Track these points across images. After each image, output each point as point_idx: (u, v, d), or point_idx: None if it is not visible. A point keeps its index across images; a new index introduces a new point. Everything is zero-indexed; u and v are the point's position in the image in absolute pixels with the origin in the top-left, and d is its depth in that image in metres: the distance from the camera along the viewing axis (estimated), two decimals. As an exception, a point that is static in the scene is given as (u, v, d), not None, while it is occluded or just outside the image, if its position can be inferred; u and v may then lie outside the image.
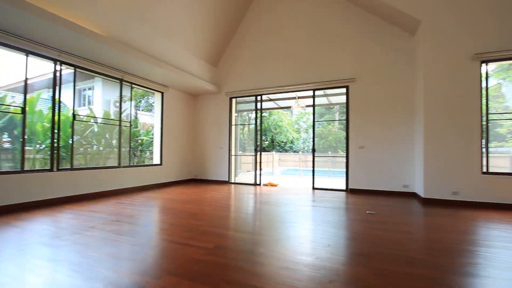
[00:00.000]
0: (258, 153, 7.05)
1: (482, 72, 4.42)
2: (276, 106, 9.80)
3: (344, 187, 6.00)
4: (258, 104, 7.03)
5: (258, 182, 6.98)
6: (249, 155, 9.07)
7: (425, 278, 1.86)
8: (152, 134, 7.21)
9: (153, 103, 7.67)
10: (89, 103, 10.68)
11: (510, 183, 4.24)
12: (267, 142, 19.37)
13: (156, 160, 6.59)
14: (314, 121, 6.47)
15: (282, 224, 3.33)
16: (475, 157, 4.39)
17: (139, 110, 12.90)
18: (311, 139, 6.49)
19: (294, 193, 5.77)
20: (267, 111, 17.14)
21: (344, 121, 6.02)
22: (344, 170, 5.98)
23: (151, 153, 7.04)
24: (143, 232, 2.91)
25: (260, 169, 7.08)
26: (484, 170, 4.37)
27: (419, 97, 4.96)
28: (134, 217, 3.49)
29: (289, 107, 9.33)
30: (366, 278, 1.85)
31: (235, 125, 7.50)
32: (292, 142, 19.40)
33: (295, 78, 6.40)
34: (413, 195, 5.25)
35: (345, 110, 6.01)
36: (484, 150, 4.39)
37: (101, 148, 6.28)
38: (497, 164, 4.71)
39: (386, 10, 5.11)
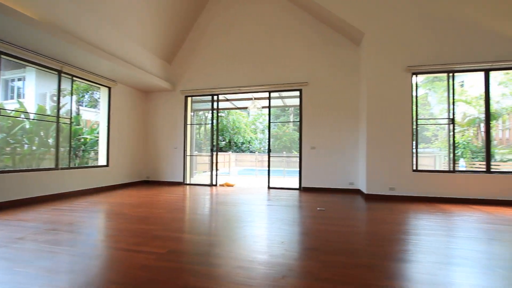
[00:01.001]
0: (215, 153, 6.97)
1: (413, 82, 5.06)
2: (233, 106, 9.81)
3: (297, 186, 6.29)
4: (215, 104, 6.95)
5: (214, 183, 6.90)
6: (206, 155, 8.90)
7: (366, 266, 2.06)
8: (97, 133, 6.59)
9: (98, 98, 7.01)
10: (18, 96, 9.31)
11: (434, 179, 4.93)
12: (224, 142, 19.25)
13: (102, 161, 6.05)
14: (269, 122, 6.65)
15: (238, 224, 3.35)
16: (407, 157, 5.00)
17: (81, 105, 11.68)
18: (267, 140, 6.66)
19: (250, 192, 5.85)
20: (225, 111, 17.03)
21: (298, 123, 6.31)
22: (298, 169, 6.27)
23: (96, 153, 6.44)
24: (85, 241, 2.65)
25: (217, 170, 7.01)
26: (414, 168, 5.01)
27: (363, 103, 5.45)
28: (74, 225, 3.15)
29: (245, 108, 9.42)
30: (315, 271, 1.97)
31: (191, 124, 7.30)
32: (249, 142, 19.63)
33: (251, 79, 6.50)
34: (358, 192, 5.75)
35: (298, 112, 6.31)
36: (414, 151, 5.03)
37: (34, 148, 5.53)
38: (424, 162, 5.46)
39: (336, 20, 5.51)
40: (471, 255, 2.35)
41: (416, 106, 5.07)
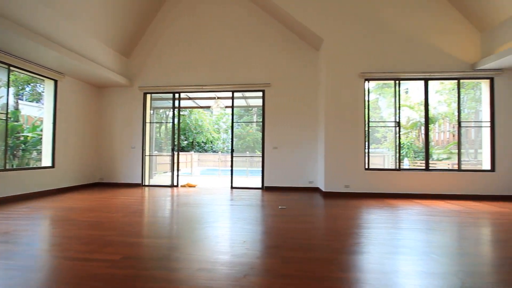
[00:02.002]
0: (176, 153, 6.74)
1: (365, 88, 5.47)
2: (195, 105, 9.57)
3: (260, 185, 6.38)
4: (176, 102, 6.72)
5: (175, 184, 6.66)
6: (166, 155, 8.55)
7: (323, 260, 2.18)
8: (41, 130, 5.92)
9: (42, 92, 6.29)
10: None
11: (383, 177, 5.40)
12: (186, 142, 18.70)
13: (47, 161, 5.44)
14: (233, 122, 6.64)
15: (200, 225, 3.28)
16: (361, 157, 5.39)
17: (21, 99, 10.36)
18: (231, 139, 6.64)
19: (213, 193, 5.77)
20: (187, 109, 16.54)
21: (261, 123, 6.41)
22: (261, 169, 6.36)
23: (40, 153, 5.78)
24: (25, 252, 2.36)
25: (178, 170, 6.78)
26: (366, 167, 5.43)
27: (321, 105, 5.74)
28: (10, 234, 2.79)
29: (208, 107, 9.27)
30: (276, 268, 2.03)
31: (150, 122, 6.95)
32: (212, 142, 19.35)
33: (214, 78, 6.42)
34: (317, 190, 6.04)
35: (261, 112, 6.40)
36: (366, 151, 5.45)
37: (-43, 147, 4.75)
38: (375, 162, 5.95)
39: (298, 26, 5.72)
40: (412, 244, 2.63)
41: (368, 109, 5.51)
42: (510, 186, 5.19)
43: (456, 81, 5.49)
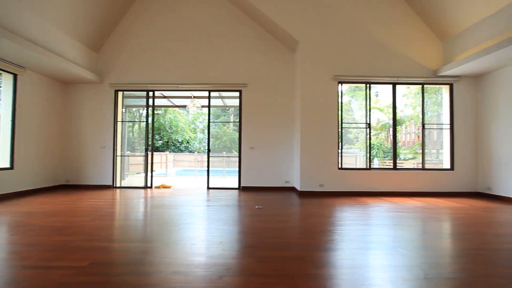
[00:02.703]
0: (150, 153, 6.51)
1: (339, 90, 5.68)
2: (171, 104, 9.33)
3: (237, 186, 6.37)
4: (150, 101, 6.50)
5: (149, 185, 6.44)
6: (140, 156, 8.25)
7: (298, 258, 2.23)
8: (-3, 129, 5.42)
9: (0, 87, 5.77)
10: None
11: (355, 176, 5.64)
12: (161, 142, 18.15)
13: (4, 162, 4.99)
14: (209, 122, 6.56)
15: (175, 227, 3.20)
16: (334, 157, 5.59)
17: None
18: (207, 139, 6.56)
19: (189, 194, 5.66)
20: (161, 108, 16.06)
21: (238, 123, 6.40)
22: (237, 169, 6.35)
23: (-5, 153, 5.29)
24: (-22, 261, 2.15)
25: (152, 171, 6.56)
26: (340, 166, 5.63)
27: (297, 106, 5.86)
28: (-40, 243, 2.53)
29: (184, 106, 9.08)
30: (252, 267, 2.04)
31: (122, 121, 6.65)
32: (188, 142, 18.96)
33: (191, 77, 6.30)
34: (293, 189, 6.16)
35: (238, 112, 6.40)
36: (339, 151, 5.65)
37: None
38: (348, 161, 6.19)
39: (276, 28, 5.79)
40: (381, 239, 2.78)
41: (341, 111, 5.72)
42: (467, 183, 5.66)
43: (420, 86, 5.88)
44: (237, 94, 6.45)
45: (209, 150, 6.49)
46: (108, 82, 6.33)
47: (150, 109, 6.51)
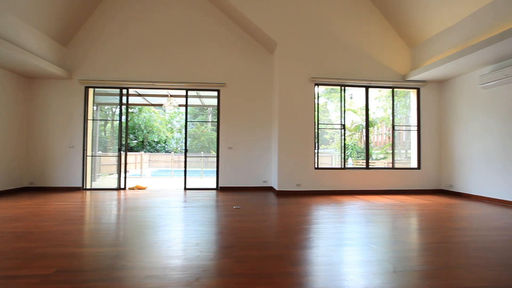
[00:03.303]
0: (124, 153, 6.25)
1: (315, 92, 5.83)
2: (146, 102, 9.02)
3: (215, 186, 6.31)
4: (124, 98, 6.24)
5: (122, 186, 6.18)
6: (112, 156, 7.90)
7: (275, 257, 2.25)
8: None
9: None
10: None
11: (330, 175, 5.82)
12: (135, 141, 17.51)
13: (-44, 164, 4.54)
14: (186, 121, 6.44)
15: (150, 230, 3.10)
16: (311, 157, 5.72)
17: None
18: (184, 139, 6.43)
19: (165, 195, 5.52)
20: (136, 107, 15.49)
21: (216, 123, 6.34)
22: (215, 169, 6.29)
23: None
24: None
25: (126, 171, 6.31)
26: (316, 166, 5.78)
27: (275, 107, 5.93)
28: None
29: (161, 105, 8.82)
30: (230, 268, 2.03)
31: (93, 120, 6.33)
32: (165, 141, 18.46)
33: (167, 75, 6.14)
34: (271, 189, 6.22)
35: (217, 112, 6.34)
36: (316, 151, 5.80)
37: None
38: (324, 161, 6.37)
39: (253, 28, 5.81)
40: (354, 236, 2.89)
41: (318, 112, 5.88)
42: (432, 181, 6.06)
43: (390, 89, 6.20)
44: (215, 93, 6.39)
45: (186, 150, 6.37)
46: (78, 78, 5.99)
47: (123, 107, 6.25)
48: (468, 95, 5.42)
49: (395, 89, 6.23)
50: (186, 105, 6.43)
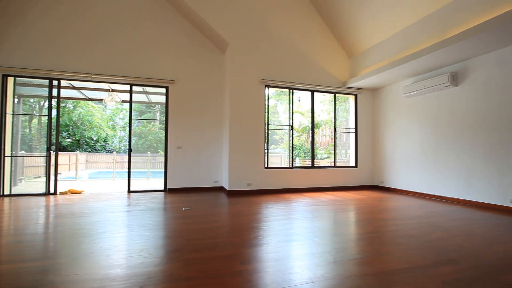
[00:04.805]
0: (54, 153, 5.51)
1: (265, 93, 6.01)
2: (83, 96, 8.09)
3: (163, 187, 6.00)
4: (54, 91, 5.49)
5: (52, 191, 5.44)
6: (39, 156, 6.90)
7: (225, 257, 2.26)
8: None
9: None
10: None
11: (280, 174, 6.06)
12: (70, 140, 15.59)
13: None
14: (130, 119, 5.98)
15: (86, 239, 2.80)
16: (261, 156, 5.88)
17: None
18: (128, 138, 5.98)
19: (105, 199, 5.04)
20: (71, 101, 13.80)
21: (164, 121, 6.04)
22: (163, 170, 5.99)
23: None
24: None
25: (57, 174, 5.57)
26: (266, 165, 5.95)
27: (226, 106, 5.93)
28: None
29: (101, 100, 8.02)
30: (177, 272, 1.96)
31: (14, 114, 5.43)
32: (105, 140, 16.80)
33: (109, 68, 5.62)
34: (221, 189, 6.18)
35: (165, 110, 6.04)
36: (266, 151, 5.98)
37: None
38: (273, 161, 6.60)
39: (205, 26, 5.71)
40: (300, 231, 3.07)
41: (268, 113, 6.06)
42: (367, 178, 6.79)
43: (333, 94, 6.75)
44: (163, 90, 6.08)
45: (130, 150, 5.91)
46: (-7, 64, 5.06)
47: (54, 101, 5.50)
48: (395, 103, 6.22)
49: (337, 94, 6.80)
50: (130, 101, 5.96)
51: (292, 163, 6.30)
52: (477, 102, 4.54)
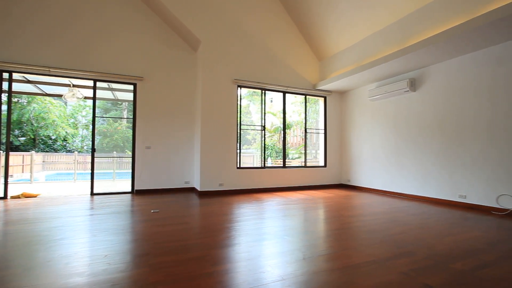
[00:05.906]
0: (3, 152, 4.99)
1: (238, 93, 6.00)
2: (39, 91, 7.42)
3: (130, 189, 5.73)
4: (5, 84, 4.98)
5: (2, 195, 4.93)
6: (-15, 157, 6.19)
7: (196, 259, 2.22)
8: None
9: None
10: None
11: (252, 174, 6.09)
12: (23, 139, 14.23)
13: None
14: (94, 116, 5.62)
15: (41, 246, 2.57)
16: (233, 157, 5.86)
17: None
18: (92, 137, 5.61)
19: (65, 202, 4.68)
20: (23, 96, 12.60)
21: (132, 120, 5.76)
22: (131, 171, 5.72)
23: None
24: None
25: (7, 176, 5.05)
26: (238, 166, 5.95)
27: (198, 106, 5.82)
28: None
29: (60, 96, 7.42)
30: (144, 277, 1.89)
31: (-46, 110, 4.81)
32: (65, 139, 15.56)
33: (69, 61, 5.22)
34: (193, 190, 6.06)
35: (133, 108, 5.77)
36: (238, 151, 5.97)
37: None
38: (246, 161, 6.62)
39: (176, 22, 5.55)
40: (271, 230, 3.11)
41: (240, 113, 6.06)
42: (335, 177, 7.08)
43: (303, 96, 6.94)
44: (131, 87, 5.80)
45: (94, 150, 5.55)
46: None
47: (4, 95, 4.98)
48: (360, 105, 6.57)
49: (307, 96, 7.00)
50: (94, 98, 5.60)
51: (264, 163, 6.37)
52: (431, 106, 4.96)
